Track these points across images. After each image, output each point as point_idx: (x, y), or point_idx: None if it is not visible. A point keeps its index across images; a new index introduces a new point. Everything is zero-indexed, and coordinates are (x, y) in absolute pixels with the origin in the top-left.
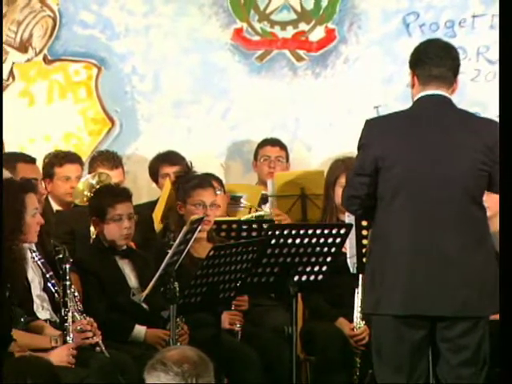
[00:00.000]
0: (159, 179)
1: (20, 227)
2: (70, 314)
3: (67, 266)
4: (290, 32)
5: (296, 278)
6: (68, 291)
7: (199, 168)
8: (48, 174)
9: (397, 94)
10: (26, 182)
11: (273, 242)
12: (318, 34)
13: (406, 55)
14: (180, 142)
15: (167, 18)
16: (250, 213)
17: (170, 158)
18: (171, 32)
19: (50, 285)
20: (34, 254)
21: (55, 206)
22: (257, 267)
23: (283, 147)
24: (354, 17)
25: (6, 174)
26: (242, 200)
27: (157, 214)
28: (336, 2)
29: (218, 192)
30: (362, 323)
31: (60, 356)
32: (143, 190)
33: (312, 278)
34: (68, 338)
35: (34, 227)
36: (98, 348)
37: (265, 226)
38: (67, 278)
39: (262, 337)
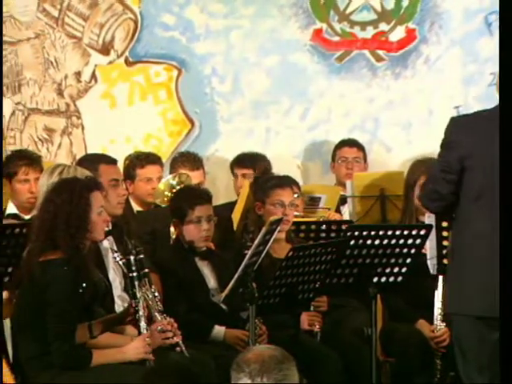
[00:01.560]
0: (237, 180)
1: (86, 225)
2: (140, 305)
3: (145, 269)
4: (369, 32)
5: (375, 280)
6: (137, 283)
7: (277, 169)
8: (129, 176)
9: (478, 94)
10: (91, 180)
11: (352, 242)
12: (398, 34)
13: (488, 55)
14: (259, 142)
15: (247, 19)
16: (328, 214)
17: (247, 159)
18: (251, 33)
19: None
20: (115, 255)
21: (135, 207)
22: (336, 268)
23: (361, 148)
24: (436, 16)
25: (87, 173)
26: (320, 201)
27: (236, 215)
28: (417, 1)
29: (295, 195)
30: (443, 325)
31: (136, 349)
32: (222, 190)
33: (392, 279)
34: (141, 328)
35: (101, 225)
36: (178, 348)
37: (344, 226)
38: (146, 279)
39: (342, 338)
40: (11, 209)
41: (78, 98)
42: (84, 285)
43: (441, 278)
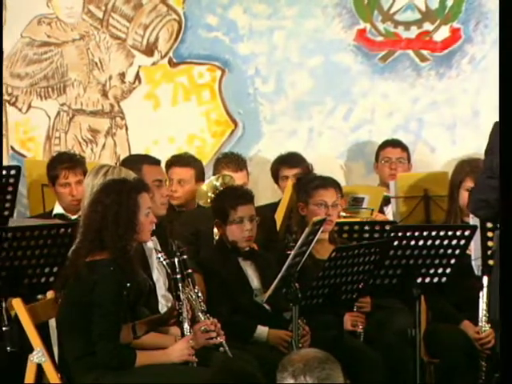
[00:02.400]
0: (279, 181)
1: (134, 226)
2: (184, 306)
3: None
4: (413, 32)
5: (419, 280)
6: (181, 285)
7: (320, 169)
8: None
9: None
10: (139, 182)
11: (396, 243)
12: (442, 33)
13: None
14: (301, 143)
15: (291, 19)
16: (371, 214)
17: (290, 159)
18: (294, 33)
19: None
20: (159, 255)
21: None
22: (379, 269)
23: (405, 148)
24: (481, 15)
25: (131, 174)
26: (363, 202)
27: (279, 216)
28: (461, 1)
29: (338, 196)
30: (488, 326)
31: (180, 351)
32: (266, 191)
33: (436, 280)
34: (185, 329)
35: (148, 226)
36: (221, 348)
37: (388, 227)
38: (190, 279)
39: (385, 339)
40: (58, 209)
41: (122, 99)
42: (129, 285)
43: (485, 278)
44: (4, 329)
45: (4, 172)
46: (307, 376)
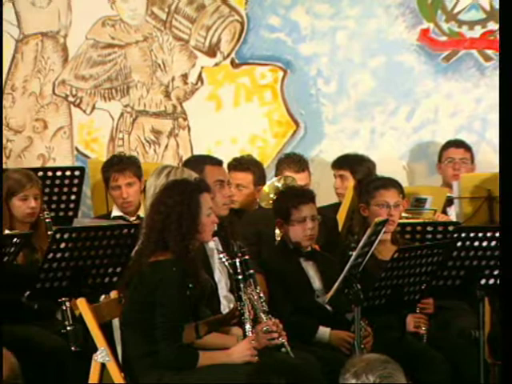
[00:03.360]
0: (336, 181)
1: (196, 227)
2: (245, 307)
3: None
4: (478, 32)
5: (483, 282)
6: (243, 286)
7: (382, 170)
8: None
9: None
10: (201, 182)
11: (459, 244)
12: None
13: None
14: (363, 144)
15: (353, 19)
16: (434, 215)
17: (347, 160)
18: (357, 34)
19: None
20: (221, 255)
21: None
22: (442, 270)
23: (468, 149)
24: None
25: (193, 175)
26: (426, 202)
27: (341, 216)
28: None
29: (400, 196)
30: None
31: (242, 351)
32: (327, 192)
33: (500, 281)
34: (247, 330)
35: (209, 226)
36: (283, 349)
37: (451, 228)
38: (251, 280)
39: (449, 340)
40: (116, 212)
41: (185, 100)
42: (192, 285)
43: None
44: (68, 328)
45: (68, 173)
46: (369, 375)
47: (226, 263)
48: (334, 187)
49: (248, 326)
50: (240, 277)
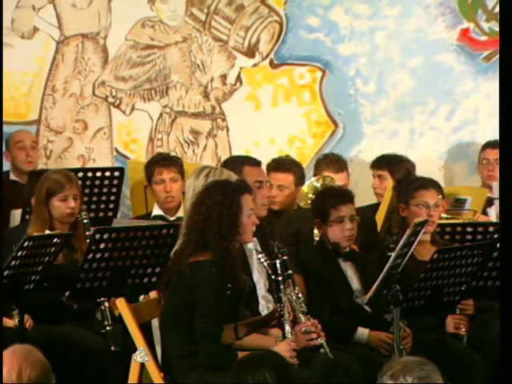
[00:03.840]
0: (375, 182)
1: (237, 228)
2: (285, 309)
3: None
4: None
5: None
6: (282, 287)
7: (421, 170)
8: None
9: None
10: (242, 183)
11: (499, 245)
12: None
13: None
14: (402, 144)
15: (392, 19)
16: (474, 216)
17: (386, 161)
18: (396, 34)
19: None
20: (259, 256)
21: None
22: (482, 271)
23: None
24: None
25: (232, 175)
26: (466, 203)
27: (379, 217)
28: None
29: (439, 197)
30: None
31: (281, 353)
32: (366, 192)
33: None
34: (286, 331)
35: (250, 227)
36: (322, 350)
37: (491, 228)
38: (290, 280)
39: (489, 341)
40: (157, 211)
41: (224, 101)
42: (231, 286)
43: None
44: (108, 328)
45: (108, 173)
46: (407, 376)
47: (265, 264)
48: (373, 187)
49: (288, 328)
50: (280, 278)
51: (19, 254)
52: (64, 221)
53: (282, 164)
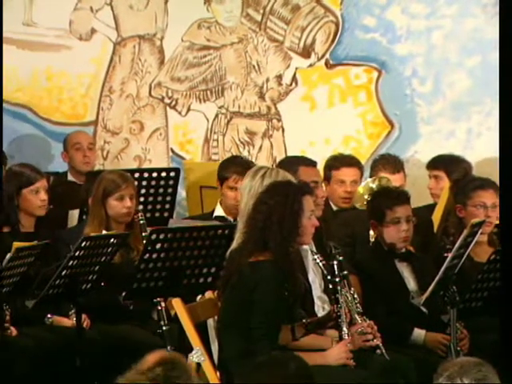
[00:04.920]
0: (431, 182)
1: (297, 229)
2: (342, 310)
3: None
4: None
5: None
6: (339, 287)
7: (478, 171)
8: (326, 177)
9: None
10: (303, 185)
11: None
12: None
13: None
14: (459, 144)
15: (449, 19)
16: None
17: (442, 161)
18: (453, 33)
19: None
20: (315, 256)
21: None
22: None
23: None
24: None
25: (288, 176)
26: None
27: (436, 218)
28: None
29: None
30: None
31: (338, 354)
32: (422, 193)
33: None
34: (343, 332)
35: (310, 229)
36: (378, 351)
37: None
38: (346, 281)
39: None
40: (219, 211)
41: (279, 101)
42: (288, 286)
43: None
44: (164, 328)
45: (164, 174)
46: (464, 377)
47: (321, 264)
48: (429, 188)
49: (345, 329)
50: (337, 279)
51: (77, 253)
52: (121, 220)
53: (353, 159)
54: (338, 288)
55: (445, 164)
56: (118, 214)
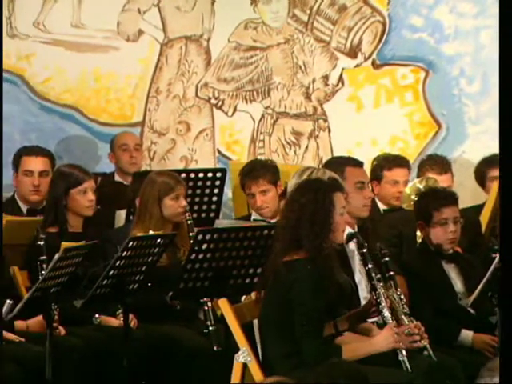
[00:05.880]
0: (487, 183)
1: (329, 225)
2: (381, 296)
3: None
4: None
5: None
6: (374, 274)
7: None
8: (376, 177)
9: None
10: (334, 181)
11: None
12: None
13: None
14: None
15: (498, 18)
16: None
17: (491, 160)
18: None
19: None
20: (361, 257)
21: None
22: None
23: None
24: None
25: (334, 176)
26: None
27: (484, 218)
28: None
29: None
30: None
31: (385, 339)
32: (470, 193)
33: None
34: (386, 317)
35: (342, 226)
36: (425, 352)
37: None
38: (392, 282)
39: None
40: (255, 215)
41: (325, 102)
42: (328, 284)
43: None
44: (211, 328)
45: (210, 175)
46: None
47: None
48: (487, 188)
49: (387, 314)
50: (370, 266)
51: (124, 254)
52: (176, 219)
53: (403, 159)
54: (373, 275)
55: (492, 164)
56: (174, 213)
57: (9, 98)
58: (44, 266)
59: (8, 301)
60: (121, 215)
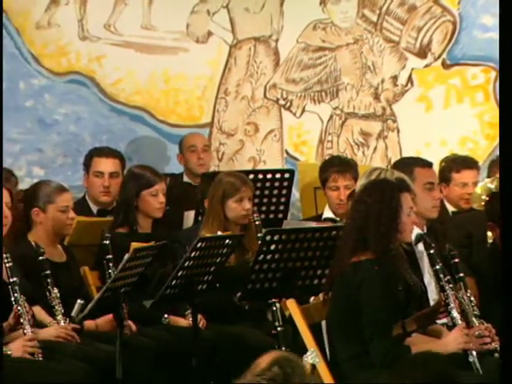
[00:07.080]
0: None
1: (396, 226)
2: (450, 297)
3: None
4: None
5: None
6: (442, 276)
7: None
8: (444, 178)
9: None
10: (401, 182)
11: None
12: None
13: None
14: None
15: None
16: None
17: None
18: None
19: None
20: (429, 258)
21: (450, 209)
22: None
23: None
24: None
25: (403, 176)
26: None
27: None
28: None
29: None
30: None
31: (455, 339)
32: None
33: None
34: (455, 318)
35: (410, 226)
36: (496, 354)
37: None
38: (462, 283)
39: None
40: (328, 213)
41: (394, 102)
42: (395, 285)
43: None
44: (279, 329)
45: (278, 175)
46: None
47: (438, 266)
48: None
49: (456, 314)
50: (438, 267)
51: (192, 254)
52: (239, 222)
53: (472, 161)
54: (441, 276)
55: None
56: (237, 216)
57: (79, 100)
58: (110, 264)
59: (79, 301)
60: (189, 216)
